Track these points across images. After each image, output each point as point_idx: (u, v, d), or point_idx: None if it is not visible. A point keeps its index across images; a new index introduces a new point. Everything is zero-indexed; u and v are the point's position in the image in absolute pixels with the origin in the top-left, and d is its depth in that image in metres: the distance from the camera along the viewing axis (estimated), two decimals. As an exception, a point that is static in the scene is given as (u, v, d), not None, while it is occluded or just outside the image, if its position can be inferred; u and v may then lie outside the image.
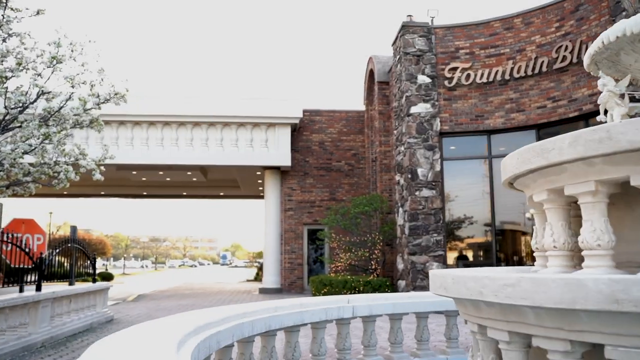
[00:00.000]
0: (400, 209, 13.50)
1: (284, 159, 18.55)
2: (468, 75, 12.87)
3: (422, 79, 13.10)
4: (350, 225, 14.76)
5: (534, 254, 3.36)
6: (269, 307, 4.17)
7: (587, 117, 11.44)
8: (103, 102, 7.40)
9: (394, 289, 13.58)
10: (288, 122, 18.64)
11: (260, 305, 4.19)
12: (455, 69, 13.00)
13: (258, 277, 31.51)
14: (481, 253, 13.07)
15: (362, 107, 19.87)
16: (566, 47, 11.59)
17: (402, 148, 13.41)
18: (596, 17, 11.18)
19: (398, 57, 13.80)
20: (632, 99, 3.67)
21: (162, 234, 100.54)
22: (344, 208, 15.34)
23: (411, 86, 13.08)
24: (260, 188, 25.54)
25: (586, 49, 11.13)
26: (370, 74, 17.89)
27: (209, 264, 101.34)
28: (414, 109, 13.01)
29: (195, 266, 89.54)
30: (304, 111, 19.10)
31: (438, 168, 12.84)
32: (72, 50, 7.17)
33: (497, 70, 12.59)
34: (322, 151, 20.00)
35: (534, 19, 12.37)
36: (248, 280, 31.05)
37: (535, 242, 3.21)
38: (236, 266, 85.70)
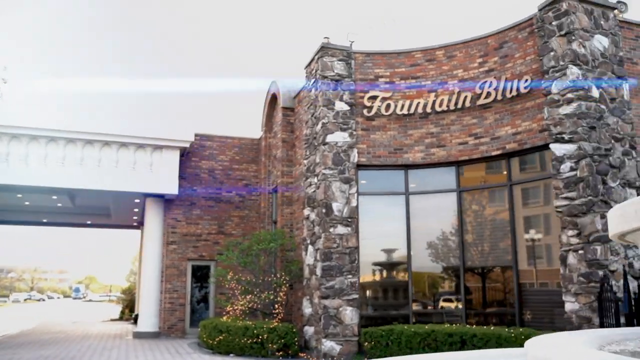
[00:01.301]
0: (311, 247, 12.22)
1: (171, 186, 16.56)
2: (388, 106, 12.10)
3: (341, 105, 12.11)
4: (250, 264, 13.16)
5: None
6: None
7: (510, 156, 11.09)
8: (-35, 96, 5.37)
9: (299, 335, 12.15)
10: (177, 145, 16.75)
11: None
12: (374, 97, 12.19)
13: (124, 316, 28.34)
14: (396, 295, 12.13)
15: (257, 134, 18.54)
16: (490, 83, 11.23)
17: (315, 180, 12.23)
18: (521, 56, 10.95)
19: (313, 80, 12.72)
20: None
21: (6, 264, 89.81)
22: (243, 244, 13.72)
23: (329, 113, 12.02)
24: (135, 217, 22.99)
25: (511, 87, 10.84)
26: (272, 100, 16.66)
27: (59, 298, 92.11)
28: (330, 138, 11.93)
29: (44, 300, 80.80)
30: (195, 135, 17.31)
31: (354, 203, 11.80)
32: None
33: (418, 103, 11.96)
34: (211, 180, 18.28)
35: (456, 53, 11.95)
36: (112, 320, 27.74)
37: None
38: (91, 300, 78.60)
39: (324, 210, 11.64)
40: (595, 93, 9.89)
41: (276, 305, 12.84)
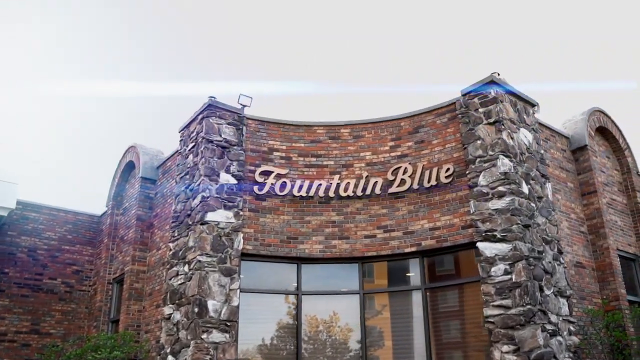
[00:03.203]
0: (172, 358, 9.22)
1: (-28, 266, 12.45)
2: (283, 185, 10.08)
3: (226, 178, 9.81)
4: (81, 380, 9.63)
5: None
6: None
7: (426, 255, 9.53)
8: None
9: None
10: (-10, 213, 12.85)
11: None
12: (267, 173, 10.11)
13: None
14: None
15: (99, 210, 15.24)
16: (405, 169, 9.83)
17: (186, 269, 9.50)
18: (440, 143, 9.78)
19: (193, 144, 10.33)
20: None
21: None
22: (71, 351, 10.17)
23: (211, 185, 9.63)
24: None
25: (429, 175, 9.53)
26: (127, 168, 13.76)
27: None
28: (211, 216, 9.45)
29: None
30: (18, 202, 13.53)
31: (236, 302, 9.23)
32: None
33: (319, 185, 10.12)
34: (31, 262, 14.33)
35: (364, 133, 10.51)
36: None
37: None
38: None
39: (195, 310, 8.88)
40: (525, 189, 8.88)
41: None
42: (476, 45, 43.32)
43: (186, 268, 9.49)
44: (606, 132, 12.10)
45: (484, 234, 8.61)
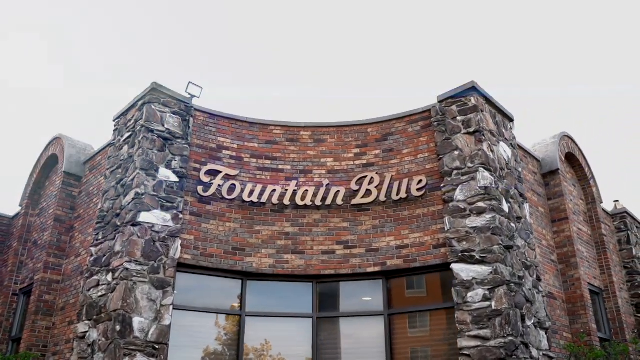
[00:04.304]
0: (82, 386, 7.59)
1: None
2: (232, 187, 8.77)
3: (166, 174, 8.40)
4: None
5: None
6: None
7: (390, 275, 8.43)
8: None
9: None
10: None
11: None
12: (215, 173, 8.79)
13: None
14: None
15: (12, 210, 13.30)
16: (371, 179, 8.77)
17: (109, 278, 7.95)
18: (411, 153, 8.82)
19: (129, 134, 8.87)
20: None
21: None
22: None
23: (148, 180, 8.19)
24: None
25: (399, 186, 8.51)
26: (48, 163, 12.00)
27: None
28: (145, 217, 7.99)
29: None
30: None
31: (167, 321, 7.73)
32: None
33: (273, 191, 8.88)
34: None
35: (326, 137, 9.41)
36: None
37: None
38: None
39: (117, 328, 7.33)
40: (505, 207, 8.00)
41: None
42: (455, 51, 43.41)
43: (109, 277, 7.93)
44: (573, 160, 11.57)
45: (459, 255, 7.63)
